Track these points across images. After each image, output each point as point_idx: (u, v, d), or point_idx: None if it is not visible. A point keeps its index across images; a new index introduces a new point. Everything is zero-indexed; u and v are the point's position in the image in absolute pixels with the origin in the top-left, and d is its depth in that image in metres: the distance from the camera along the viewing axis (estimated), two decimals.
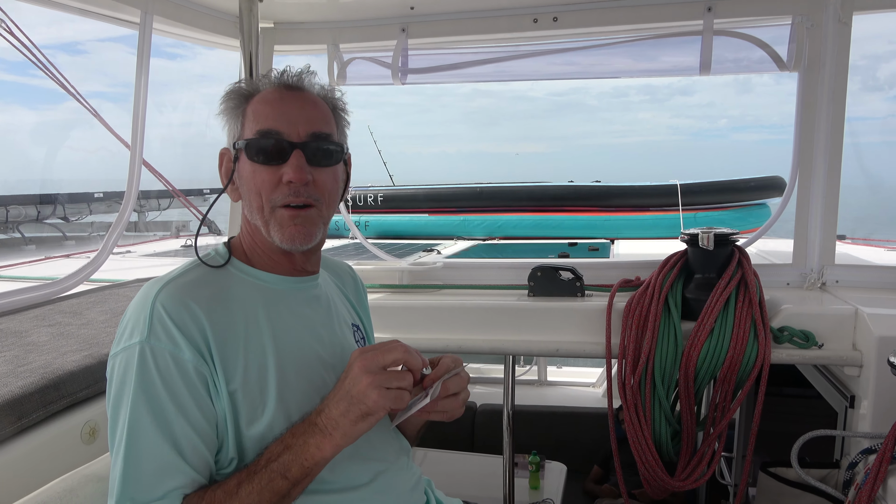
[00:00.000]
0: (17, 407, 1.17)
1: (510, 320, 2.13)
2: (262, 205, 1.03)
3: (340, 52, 2.62)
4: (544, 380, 4.27)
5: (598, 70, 2.44)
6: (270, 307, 1.05)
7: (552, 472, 2.79)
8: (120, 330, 0.97)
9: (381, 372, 0.91)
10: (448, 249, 4.44)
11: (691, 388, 1.85)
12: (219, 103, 1.08)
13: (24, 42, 4.36)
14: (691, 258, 2.08)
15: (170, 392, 0.91)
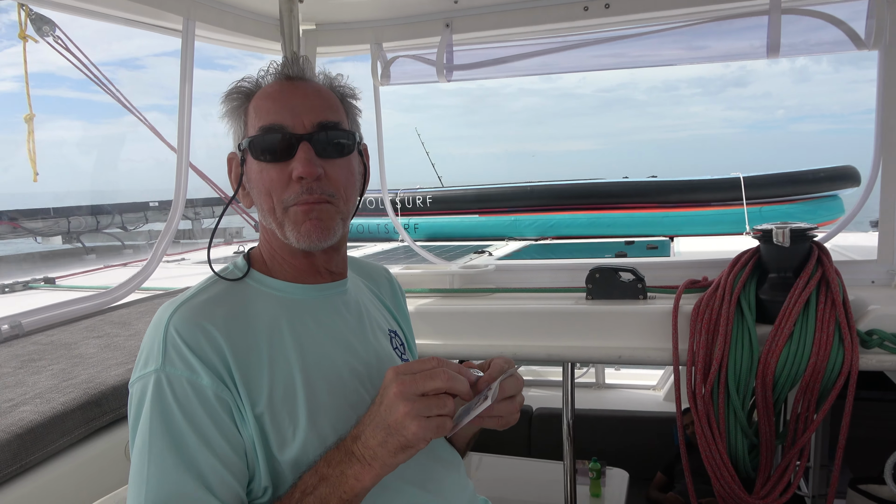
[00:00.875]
0: (59, 424, 1.14)
1: (568, 325, 2.02)
2: (274, 206, 0.94)
3: (384, 51, 2.56)
4: (602, 382, 4.13)
5: (653, 58, 2.29)
6: (295, 320, 0.96)
7: (614, 479, 2.66)
8: (138, 358, 0.90)
9: (420, 399, 0.79)
10: (499, 251, 4.33)
11: (770, 397, 1.70)
12: (220, 105, 1.01)
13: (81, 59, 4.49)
14: (765, 256, 1.92)
15: (190, 422, 0.83)
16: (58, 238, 7.68)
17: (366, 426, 0.83)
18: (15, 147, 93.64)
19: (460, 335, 2.10)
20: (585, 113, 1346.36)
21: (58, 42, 4.50)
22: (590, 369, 4.15)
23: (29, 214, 6.67)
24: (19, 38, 4.40)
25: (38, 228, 6.61)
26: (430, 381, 0.81)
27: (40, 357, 1.52)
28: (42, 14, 4.15)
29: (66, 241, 7.28)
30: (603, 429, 3.34)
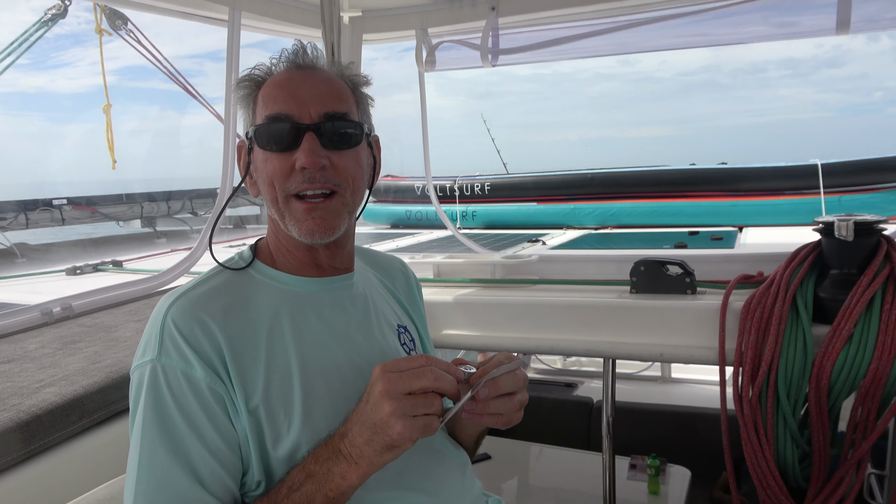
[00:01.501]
0: (79, 407, 1.17)
1: (608, 320, 1.93)
2: (276, 195, 0.94)
3: (429, 36, 2.52)
4: (668, 376, 3.98)
5: (712, 37, 2.15)
6: (296, 313, 0.95)
7: (675, 476, 2.56)
8: (139, 346, 0.91)
9: (406, 398, 0.77)
10: (555, 240, 4.24)
11: (824, 403, 1.57)
12: (234, 91, 1.00)
13: (152, 51, 4.66)
14: (826, 250, 1.77)
15: (183, 414, 0.83)
16: (137, 222, 8.13)
17: (353, 424, 0.82)
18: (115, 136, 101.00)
19: (497, 327, 2.05)
20: (665, 97, 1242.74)
21: (130, 35, 4.69)
22: (654, 363, 4.01)
23: (106, 201, 7.07)
24: (95, 32, 4.62)
25: (114, 213, 7.00)
26: (417, 379, 0.78)
27: (80, 339, 1.58)
28: (115, 10, 4.34)
29: (145, 225, 7.68)
30: (666, 424, 3.22)
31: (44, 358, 1.42)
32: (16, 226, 6.22)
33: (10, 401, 1.16)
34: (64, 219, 6.70)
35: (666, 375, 3.98)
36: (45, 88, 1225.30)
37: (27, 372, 1.32)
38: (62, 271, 3.22)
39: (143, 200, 7.15)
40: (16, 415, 1.09)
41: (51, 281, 3.08)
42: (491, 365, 0.85)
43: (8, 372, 1.34)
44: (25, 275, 3.33)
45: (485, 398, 0.83)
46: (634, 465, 2.60)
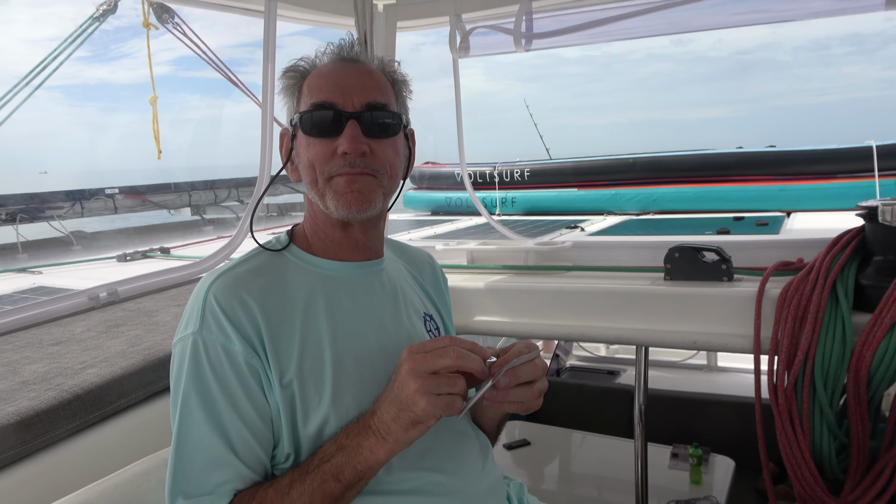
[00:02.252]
0: (117, 387, 1.23)
1: (641, 307, 1.91)
2: (317, 177, 0.98)
3: (463, 22, 2.51)
4: (714, 365, 3.90)
5: (756, 16, 2.08)
6: (330, 295, 0.99)
7: (718, 466, 2.53)
8: (181, 320, 0.96)
9: (430, 377, 0.81)
10: (594, 226, 4.18)
11: (863, 393, 1.52)
12: (280, 80, 1.04)
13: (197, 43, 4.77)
14: (869, 236, 1.71)
15: (221, 385, 0.88)
16: (187, 210, 8.40)
17: (382, 402, 0.86)
18: (172, 125, 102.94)
19: (529, 313, 2.05)
20: (720, 78, 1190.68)
21: (177, 28, 4.81)
22: (700, 351, 3.93)
23: (155, 190, 7.33)
24: (143, 26, 4.75)
25: (163, 202, 7.25)
26: (441, 359, 0.82)
27: (123, 323, 1.65)
28: (163, 3, 4.45)
29: (195, 213, 7.93)
30: (711, 414, 3.16)
31: (88, 341, 1.49)
32: (72, 214, 6.52)
33: (56, 380, 1.22)
34: (116, 207, 6.98)
35: (712, 364, 3.90)
36: (106, 79, 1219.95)
37: (72, 354, 1.39)
38: (113, 258, 3.36)
39: (191, 189, 7.37)
40: (59, 394, 1.16)
41: (102, 267, 3.21)
42: (511, 354, 0.88)
43: (55, 353, 1.41)
44: (79, 261, 3.48)
45: (505, 387, 0.85)
46: (676, 454, 2.57)
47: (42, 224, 6.31)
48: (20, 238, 5.54)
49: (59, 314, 1.78)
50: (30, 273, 3.11)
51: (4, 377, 1.26)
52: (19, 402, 1.12)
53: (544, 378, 0.90)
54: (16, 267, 3.38)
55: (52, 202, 6.50)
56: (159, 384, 1.30)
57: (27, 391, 1.18)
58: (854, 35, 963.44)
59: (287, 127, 1.04)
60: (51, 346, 1.47)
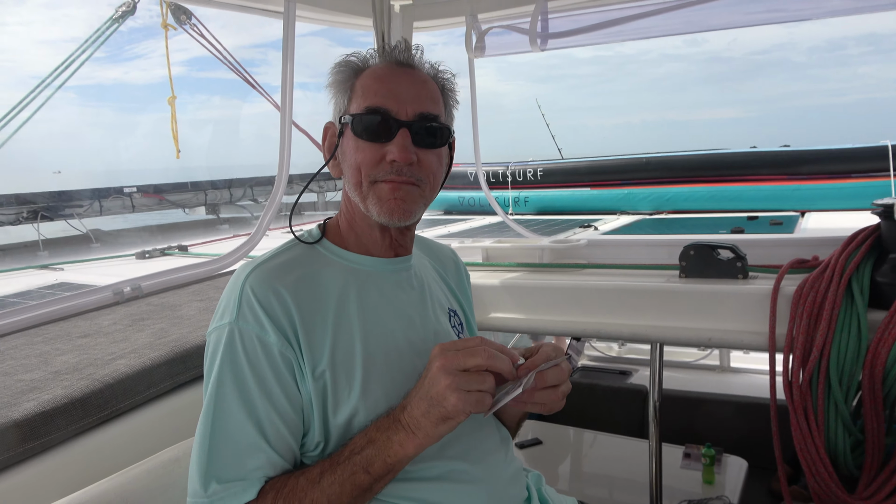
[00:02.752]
0: (147, 377, 1.27)
1: (656, 304, 1.92)
2: (361, 180, 0.99)
3: (479, 22, 2.53)
4: (727, 366, 3.90)
5: (768, 15, 2.09)
6: (361, 289, 1.02)
7: (731, 466, 2.53)
8: (216, 309, 0.98)
9: (461, 374, 0.84)
10: (607, 225, 4.18)
11: (879, 391, 1.53)
12: (328, 75, 1.05)
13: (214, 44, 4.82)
14: (885, 234, 1.72)
15: (255, 374, 0.91)
16: (202, 209, 8.48)
17: (412, 397, 0.89)
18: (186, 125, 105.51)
19: (544, 310, 2.07)
20: (735, 78, 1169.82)
21: (194, 29, 4.86)
22: (714, 351, 3.93)
23: (172, 189, 7.42)
24: (161, 27, 4.80)
25: (180, 201, 7.33)
26: (472, 357, 0.85)
27: (148, 316, 1.69)
28: (180, 5, 4.51)
29: (209, 212, 8.01)
30: (723, 414, 3.16)
31: (116, 333, 1.53)
32: (91, 213, 6.61)
33: (87, 371, 1.26)
34: (134, 206, 7.07)
35: (725, 364, 3.90)
36: (121, 80, 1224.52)
37: (101, 346, 1.44)
38: (132, 255, 3.41)
39: (207, 188, 7.45)
40: (91, 383, 1.19)
41: (122, 264, 3.27)
42: (539, 358, 0.91)
43: (84, 345, 1.45)
44: (99, 258, 3.54)
45: (532, 389, 0.89)
46: (689, 454, 2.58)
47: (61, 222, 6.41)
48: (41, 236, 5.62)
49: (84, 308, 1.82)
50: (52, 270, 3.17)
51: (38, 367, 1.30)
52: (55, 391, 1.16)
53: (568, 381, 0.93)
54: (38, 264, 3.45)
55: (72, 200, 6.59)
56: (187, 375, 1.34)
57: (60, 380, 1.22)
58: (871, 35, 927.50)
59: (334, 122, 1.05)
60: (79, 339, 1.51)
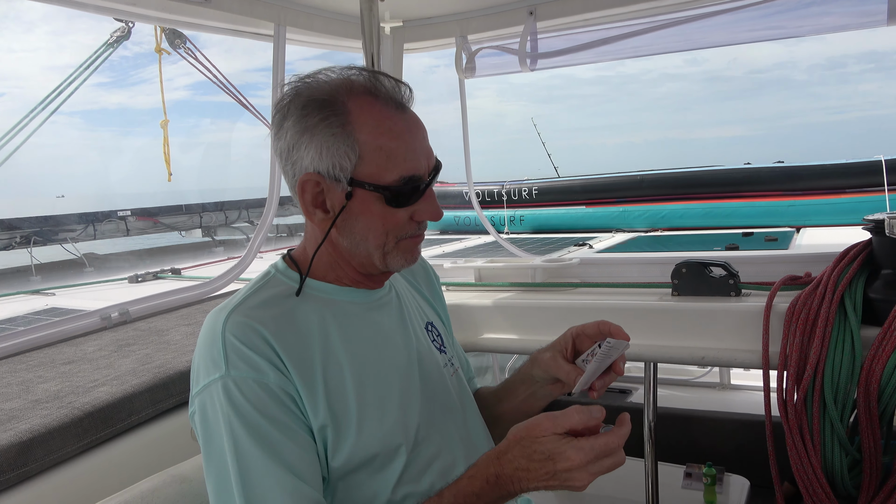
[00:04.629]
0: (128, 405, 1.24)
1: (649, 323, 1.91)
2: (385, 241, 0.95)
3: (469, 43, 2.55)
4: (727, 383, 3.86)
5: (753, 34, 2.10)
6: (343, 323, 0.97)
7: (733, 486, 2.49)
8: (194, 370, 0.91)
9: (598, 463, 0.82)
10: (602, 243, 4.18)
11: (874, 408, 1.51)
12: (298, 113, 0.92)
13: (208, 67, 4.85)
14: (877, 250, 1.71)
15: (268, 418, 0.85)
16: (198, 231, 8.47)
17: (525, 481, 0.83)
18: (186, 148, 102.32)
19: (537, 330, 2.05)
20: (736, 97, 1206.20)
21: (189, 53, 4.90)
22: (713, 369, 3.90)
23: (166, 212, 7.42)
24: (155, 51, 4.83)
25: (174, 223, 7.33)
26: (609, 459, 0.83)
27: (134, 342, 1.67)
28: (175, 29, 4.54)
29: (205, 234, 8.00)
30: (724, 433, 3.13)
31: (100, 360, 1.51)
32: (84, 237, 6.58)
33: (67, 399, 1.24)
34: (129, 229, 7.05)
35: (725, 382, 3.86)
36: (125, 104, 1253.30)
37: (84, 372, 1.41)
38: (125, 279, 3.39)
39: (202, 210, 7.45)
40: (70, 412, 1.17)
41: (114, 288, 3.24)
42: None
43: (67, 373, 1.43)
44: (91, 283, 3.52)
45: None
46: (690, 474, 2.53)
47: (55, 246, 6.39)
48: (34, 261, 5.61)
49: (71, 334, 1.80)
50: (43, 294, 3.15)
51: (18, 396, 1.28)
52: (31, 420, 1.14)
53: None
54: (29, 289, 3.42)
55: (66, 225, 6.57)
56: (169, 402, 1.32)
57: (39, 409, 1.19)
58: (871, 52, 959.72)
59: (325, 178, 0.92)
60: (63, 366, 1.49)
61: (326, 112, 0.90)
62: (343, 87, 0.92)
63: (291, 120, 0.92)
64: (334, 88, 0.92)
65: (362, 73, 0.94)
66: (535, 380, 1.10)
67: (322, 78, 0.94)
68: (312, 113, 0.91)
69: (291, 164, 0.94)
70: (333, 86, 0.92)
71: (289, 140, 0.92)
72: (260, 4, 2.16)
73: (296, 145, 0.92)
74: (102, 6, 1.92)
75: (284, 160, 0.95)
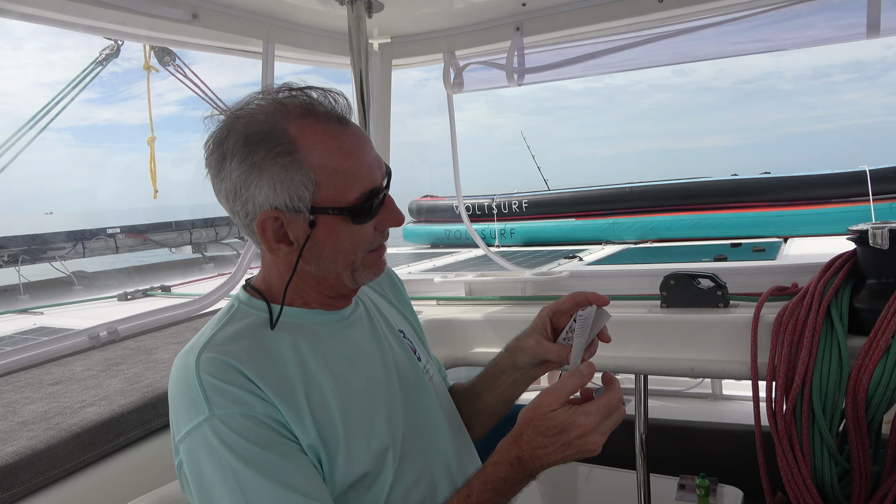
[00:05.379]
0: (116, 425, 1.23)
1: (638, 335, 1.91)
2: (355, 259, 0.93)
3: (457, 58, 2.57)
4: (719, 393, 3.87)
5: (736, 47, 2.13)
6: (316, 344, 0.95)
7: (726, 497, 2.49)
8: (173, 417, 0.87)
9: (606, 421, 0.88)
10: (593, 255, 4.19)
11: (862, 417, 1.52)
12: (240, 151, 0.87)
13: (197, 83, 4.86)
14: (861, 260, 1.73)
15: (266, 449, 0.83)
16: (188, 248, 8.43)
17: (542, 458, 0.89)
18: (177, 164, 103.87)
19: None
20: (723, 107, 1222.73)
21: (178, 70, 4.91)
22: (705, 380, 3.90)
23: (155, 228, 7.39)
24: (143, 68, 4.84)
25: (164, 240, 7.30)
26: (618, 416, 0.90)
27: (123, 361, 1.66)
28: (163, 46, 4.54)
29: (196, 250, 7.97)
30: (717, 443, 3.13)
31: (88, 379, 1.50)
32: (73, 255, 6.54)
33: (54, 420, 1.23)
34: (118, 246, 7.01)
35: (717, 392, 3.87)
36: (115, 120, 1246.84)
37: (72, 393, 1.40)
38: (114, 297, 3.37)
39: (191, 227, 7.42)
40: (58, 433, 1.16)
41: (103, 306, 3.22)
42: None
43: (55, 393, 1.42)
44: (80, 301, 3.49)
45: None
46: (683, 486, 2.53)
47: (44, 265, 6.35)
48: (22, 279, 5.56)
49: (59, 354, 1.79)
50: (31, 314, 3.12)
51: (4, 417, 1.26)
52: (18, 443, 1.13)
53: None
54: (17, 308, 3.39)
55: (54, 243, 6.53)
56: (158, 421, 1.30)
57: (26, 431, 1.18)
58: (855, 62, 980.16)
59: (284, 212, 0.88)
60: (50, 386, 1.47)
61: (271, 144, 0.86)
62: (279, 114, 0.88)
63: (233, 159, 0.87)
64: (270, 117, 0.88)
65: (292, 94, 0.90)
66: (518, 368, 1.12)
67: (253, 108, 0.89)
68: (256, 148, 0.86)
69: (242, 204, 0.89)
70: (269, 114, 0.88)
71: (234, 180, 0.88)
72: (248, 22, 2.18)
73: (244, 185, 0.87)
74: (90, 25, 1.92)
75: (232, 201, 0.90)
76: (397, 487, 0.95)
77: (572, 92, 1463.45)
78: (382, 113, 2.64)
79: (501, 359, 1.14)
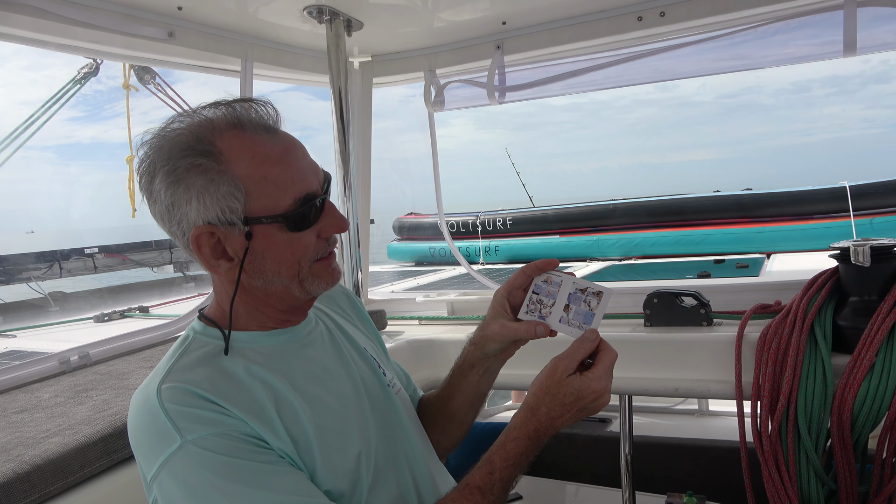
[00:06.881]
0: (81, 456, 1.18)
1: (622, 354, 1.83)
2: (300, 270, 0.91)
3: (437, 77, 2.56)
4: (706, 409, 3.85)
5: (716, 65, 2.15)
6: (279, 367, 0.92)
7: None
8: (141, 455, 0.85)
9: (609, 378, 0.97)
10: (578, 273, 4.19)
11: (848, 437, 1.50)
12: (166, 168, 0.85)
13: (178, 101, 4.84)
14: (844, 277, 1.72)
15: (248, 460, 0.81)
16: (170, 267, 8.33)
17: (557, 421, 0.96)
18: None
19: (510, 364, 2.00)
20: (707, 121, 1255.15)
21: (158, 88, 4.89)
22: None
23: (135, 248, 7.29)
24: (123, 87, 4.81)
25: (144, 260, 7.20)
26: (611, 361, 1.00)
27: (93, 387, 1.60)
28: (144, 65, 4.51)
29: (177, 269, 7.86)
30: (704, 460, 3.10)
31: (55, 407, 1.45)
32: (50, 275, 6.43)
33: (15, 451, 1.17)
34: (96, 266, 6.91)
35: (703, 409, 3.86)
36: (100, 138, 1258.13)
37: (36, 422, 1.35)
38: (90, 319, 3.30)
39: (171, 246, 7.33)
40: (18, 465, 1.11)
41: (78, 329, 3.15)
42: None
43: (19, 422, 1.36)
44: (55, 323, 3.41)
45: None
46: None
47: (20, 285, 6.23)
48: None
49: (27, 380, 1.73)
50: (3, 337, 3.05)
51: None
52: None
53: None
54: None
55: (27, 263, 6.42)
56: (125, 451, 1.25)
57: None
58: (833, 77, 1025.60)
59: (218, 226, 0.87)
60: (15, 415, 1.42)
61: (197, 159, 0.85)
62: (205, 129, 0.87)
63: (161, 178, 0.86)
64: (196, 132, 0.87)
65: (220, 108, 0.89)
66: (488, 356, 1.11)
67: (179, 126, 0.88)
68: (182, 164, 0.85)
69: (177, 222, 0.88)
70: (194, 130, 0.87)
71: (165, 200, 0.86)
72: (226, 41, 2.15)
73: (175, 203, 0.86)
74: (66, 45, 1.89)
75: (168, 222, 0.89)
76: (374, 496, 0.94)
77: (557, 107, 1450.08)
78: (363, 130, 2.63)
79: (469, 353, 1.12)
